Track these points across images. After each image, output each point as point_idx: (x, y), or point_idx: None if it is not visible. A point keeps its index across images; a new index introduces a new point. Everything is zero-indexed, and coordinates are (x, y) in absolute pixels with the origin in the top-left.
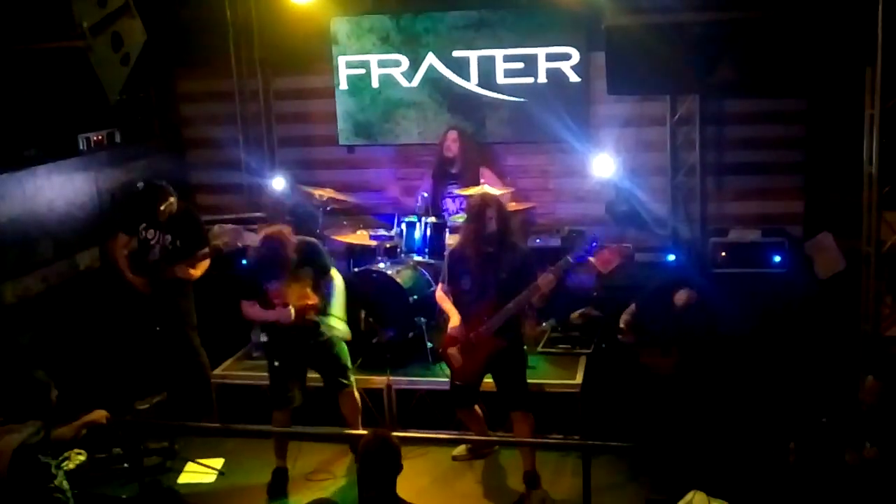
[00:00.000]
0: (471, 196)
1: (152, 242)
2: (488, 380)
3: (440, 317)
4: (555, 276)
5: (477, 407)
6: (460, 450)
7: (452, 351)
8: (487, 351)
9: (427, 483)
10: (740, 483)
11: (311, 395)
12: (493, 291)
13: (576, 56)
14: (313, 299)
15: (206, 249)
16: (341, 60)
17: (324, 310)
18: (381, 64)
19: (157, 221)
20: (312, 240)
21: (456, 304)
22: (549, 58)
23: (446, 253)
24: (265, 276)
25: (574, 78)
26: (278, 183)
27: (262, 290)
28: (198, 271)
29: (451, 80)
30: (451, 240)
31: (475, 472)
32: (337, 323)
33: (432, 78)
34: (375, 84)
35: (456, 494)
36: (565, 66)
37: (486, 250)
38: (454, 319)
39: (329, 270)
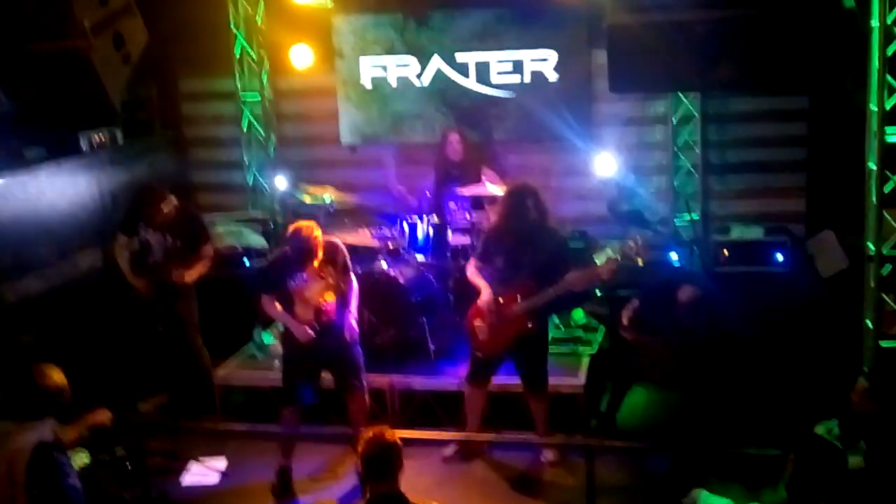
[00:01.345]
0: (511, 182)
1: (153, 243)
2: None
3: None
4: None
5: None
6: (449, 450)
7: (479, 323)
8: (515, 330)
9: (429, 482)
10: (744, 481)
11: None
12: (527, 272)
13: (579, 56)
14: (332, 300)
15: (204, 251)
16: (341, 65)
17: (342, 311)
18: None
19: (156, 222)
20: (337, 240)
21: (488, 280)
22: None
23: (483, 229)
24: (289, 271)
25: (565, 77)
26: (280, 182)
27: (283, 285)
28: (193, 276)
29: (456, 86)
30: (453, 239)
31: (477, 471)
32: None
33: (439, 89)
34: (393, 83)
35: (458, 494)
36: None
37: (525, 233)
38: (485, 293)
39: (350, 272)
